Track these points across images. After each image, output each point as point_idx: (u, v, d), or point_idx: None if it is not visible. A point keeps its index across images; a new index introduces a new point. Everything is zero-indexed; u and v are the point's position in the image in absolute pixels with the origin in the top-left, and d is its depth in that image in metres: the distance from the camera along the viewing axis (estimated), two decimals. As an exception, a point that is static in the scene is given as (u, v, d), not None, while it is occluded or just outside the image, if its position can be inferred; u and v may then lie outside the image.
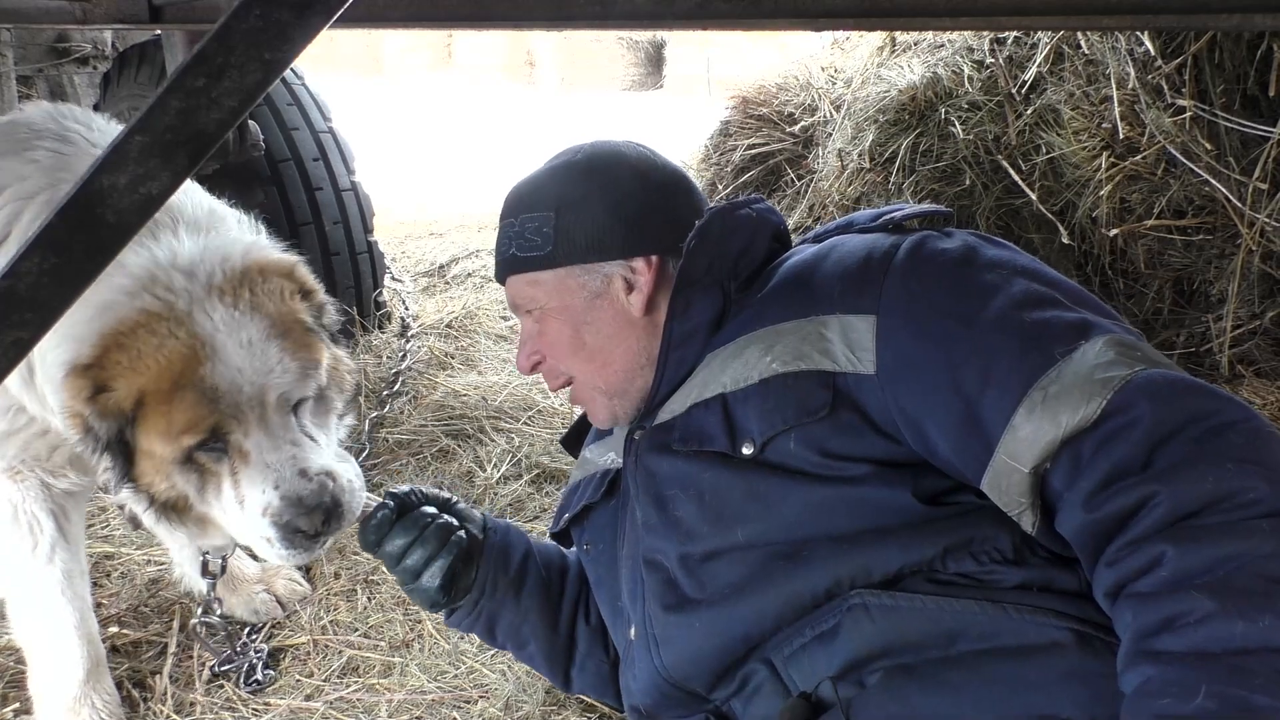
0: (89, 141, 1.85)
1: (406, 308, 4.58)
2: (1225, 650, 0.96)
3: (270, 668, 2.23)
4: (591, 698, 1.98)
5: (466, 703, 2.09)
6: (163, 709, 2.11)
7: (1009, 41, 3.54)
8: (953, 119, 3.59)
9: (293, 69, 3.68)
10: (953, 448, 1.23)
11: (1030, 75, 3.39)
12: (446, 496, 1.74)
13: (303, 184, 3.83)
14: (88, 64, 4.77)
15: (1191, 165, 2.95)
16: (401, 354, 3.97)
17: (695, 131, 5.47)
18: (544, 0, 1.96)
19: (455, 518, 1.70)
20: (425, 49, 20.74)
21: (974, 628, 1.21)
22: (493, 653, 2.20)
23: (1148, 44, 2.94)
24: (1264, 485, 1.03)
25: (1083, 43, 3.18)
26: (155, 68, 3.84)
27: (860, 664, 1.26)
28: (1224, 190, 2.90)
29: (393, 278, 4.94)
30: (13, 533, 1.94)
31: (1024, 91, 3.44)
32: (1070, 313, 1.23)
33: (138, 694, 2.16)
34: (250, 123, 3.25)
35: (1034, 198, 3.38)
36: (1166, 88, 2.93)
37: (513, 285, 1.61)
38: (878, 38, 4.29)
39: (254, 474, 1.54)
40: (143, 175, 0.85)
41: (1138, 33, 2.95)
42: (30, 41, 4.64)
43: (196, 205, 1.76)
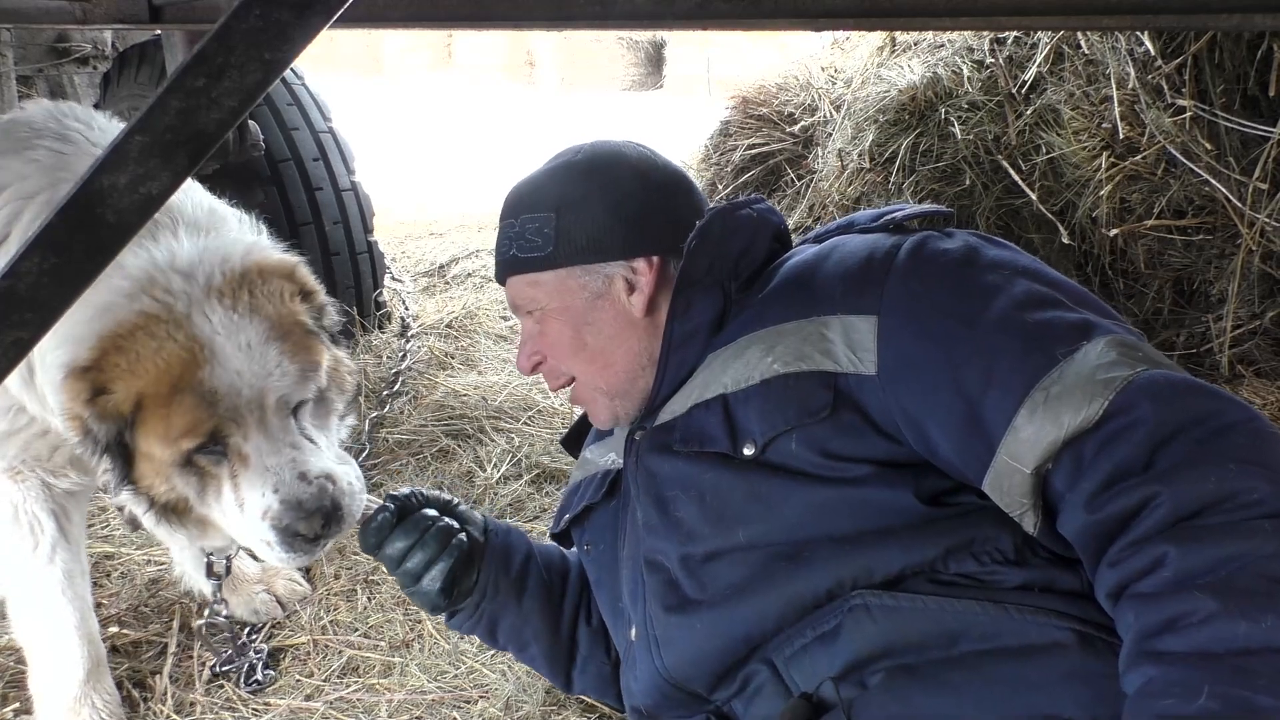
0: (89, 141, 1.85)
1: (406, 308, 4.58)
2: (1228, 651, 0.96)
3: (270, 668, 2.22)
4: (593, 698, 1.98)
5: (466, 703, 2.08)
6: (163, 709, 2.11)
7: (1009, 41, 3.54)
8: (953, 119, 3.59)
9: (293, 69, 3.68)
10: (954, 448, 1.23)
11: (1030, 75, 3.39)
12: (447, 499, 1.74)
13: (303, 184, 3.83)
14: (88, 64, 4.77)
15: (1191, 165, 2.95)
16: (401, 354, 3.97)
17: (695, 131, 5.47)
18: (544, 0, 1.96)
19: (456, 520, 1.70)
20: (425, 49, 20.74)
21: (976, 628, 1.21)
22: (493, 653, 2.20)
23: (1148, 44, 2.94)
24: (1266, 486, 1.03)
25: (1083, 43, 3.18)
26: (155, 68, 3.84)
27: (862, 664, 1.26)
28: (1224, 190, 2.90)
29: (393, 278, 4.94)
30: (13, 533, 1.94)
31: (1024, 91, 3.44)
32: (1072, 313, 1.23)
33: (138, 694, 2.16)
34: (250, 123, 3.25)
35: (1034, 198, 3.38)
36: (1166, 88, 2.93)
37: (513, 286, 1.61)
38: (878, 38, 4.29)
39: (254, 477, 1.53)
40: (143, 175, 0.85)
41: (1138, 33, 2.94)
42: (30, 41, 4.64)
43: (197, 205, 1.76)
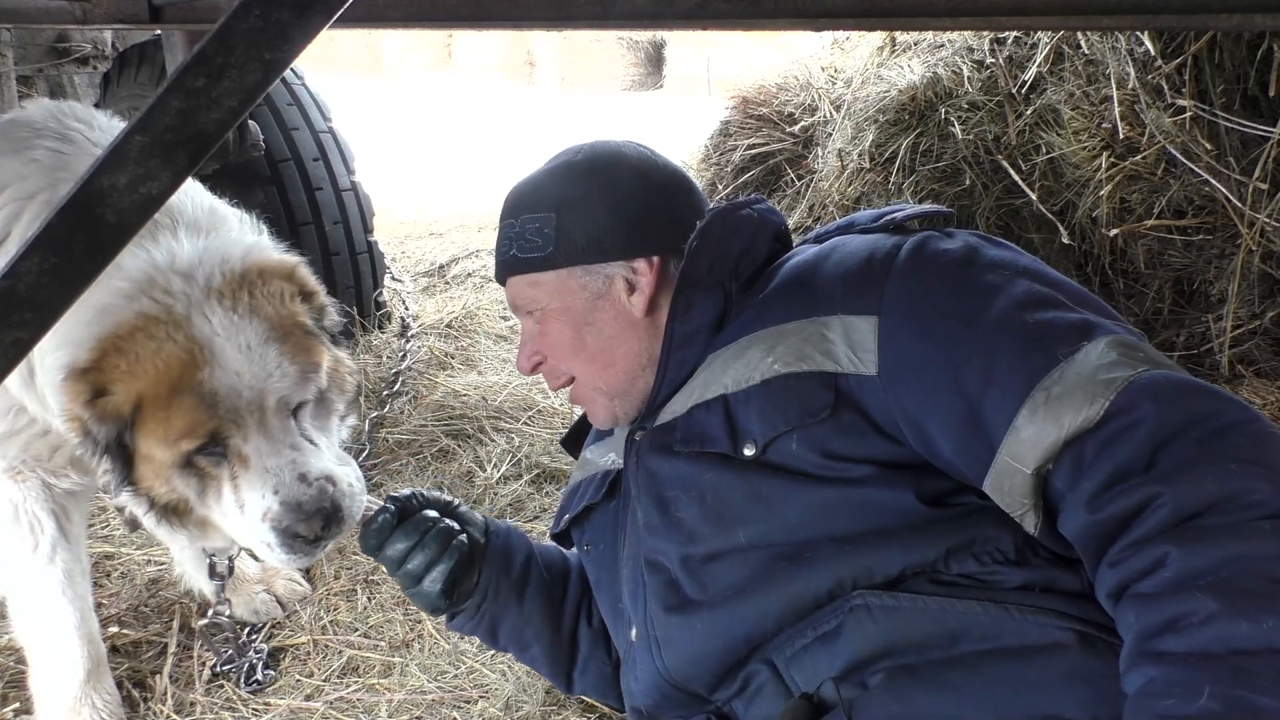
0: (89, 140, 1.85)
1: (406, 308, 4.58)
2: (1229, 651, 0.96)
3: (270, 668, 2.22)
4: (593, 699, 1.98)
5: (466, 703, 2.08)
6: (163, 709, 2.11)
7: (1009, 41, 3.54)
8: (953, 119, 3.59)
9: (293, 69, 3.68)
10: (955, 448, 1.23)
11: (1030, 75, 3.38)
12: (448, 500, 1.74)
13: (303, 184, 3.83)
14: (88, 64, 4.77)
15: (1191, 165, 2.95)
16: (401, 354, 3.97)
17: (695, 131, 5.47)
18: (544, 0, 1.96)
19: (457, 521, 1.70)
20: (425, 49, 20.73)
21: (976, 628, 1.20)
22: (493, 653, 2.20)
23: (1148, 44, 2.94)
24: (1267, 486, 1.03)
25: (1083, 43, 3.18)
26: (155, 68, 3.84)
27: (862, 664, 1.26)
28: (1224, 190, 2.90)
29: (393, 278, 4.94)
30: (14, 532, 1.94)
31: (1024, 91, 3.43)
32: (1072, 313, 1.22)
33: (138, 694, 2.16)
34: (250, 123, 3.25)
35: (1034, 198, 3.38)
36: (1166, 88, 2.93)
37: (513, 286, 1.61)
38: (878, 38, 4.29)
39: (254, 479, 1.53)
40: (143, 175, 0.84)
41: (1138, 33, 2.94)
42: (30, 41, 4.64)
43: (197, 206, 1.76)
